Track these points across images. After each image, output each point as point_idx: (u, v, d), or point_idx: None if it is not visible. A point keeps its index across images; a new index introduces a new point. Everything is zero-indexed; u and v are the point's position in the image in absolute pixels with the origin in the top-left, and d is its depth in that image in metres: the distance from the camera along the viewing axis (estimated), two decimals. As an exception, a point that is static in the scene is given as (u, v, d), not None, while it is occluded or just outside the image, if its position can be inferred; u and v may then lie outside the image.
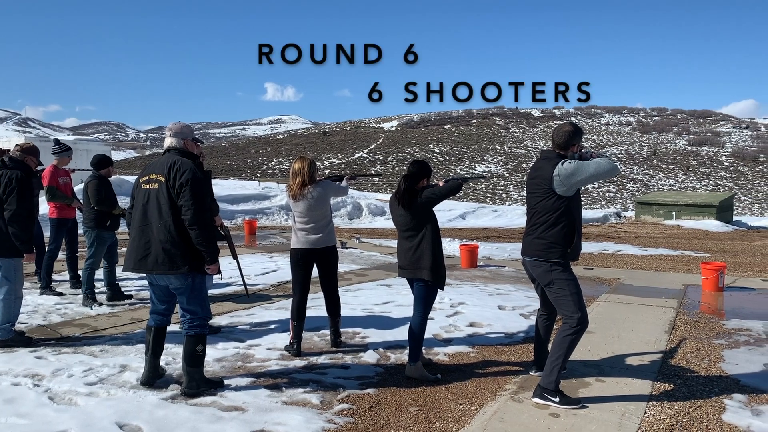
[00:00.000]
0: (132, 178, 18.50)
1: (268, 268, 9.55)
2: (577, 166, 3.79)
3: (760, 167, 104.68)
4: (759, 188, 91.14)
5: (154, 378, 4.11)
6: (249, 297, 6.77)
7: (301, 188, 4.81)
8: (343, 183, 5.26)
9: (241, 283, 6.26)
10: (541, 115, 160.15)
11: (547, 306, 4.26)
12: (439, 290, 4.46)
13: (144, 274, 3.96)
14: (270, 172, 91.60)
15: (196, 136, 4.23)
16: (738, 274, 9.81)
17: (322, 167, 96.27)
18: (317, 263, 5.00)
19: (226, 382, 4.19)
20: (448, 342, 5.41)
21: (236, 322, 5.95)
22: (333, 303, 5.11)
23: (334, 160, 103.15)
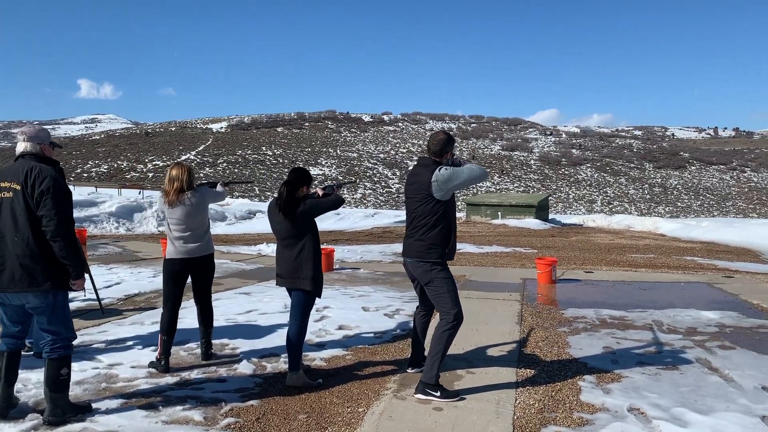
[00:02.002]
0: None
1: (110, 280, 8.83)
2: (453, 172, 4.03)
3: (563, 170, 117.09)
4: (562, 189, 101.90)
5: (8, 408, 3.66)
6: (104, 313, 6.25)
7: (178, 194, 4.58)
8: (219, 188, 5.07)
9: (87, 297, 5.77)
10: (371, 120, 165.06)
11: (426, 304, 4.45)
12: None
13: None
14: (86, 175, 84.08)
15: (54, 141, 3.84)
16: (564, 267, 10.94)
17: (144, 170, 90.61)
18: (193, 273, 4.76)
19: (93, 405, 3.84)
20: (321, 346, 5.43)
21: (89, 341, 5.46)
22: (206, 313, 4.90)
23: (158, 163, 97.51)
